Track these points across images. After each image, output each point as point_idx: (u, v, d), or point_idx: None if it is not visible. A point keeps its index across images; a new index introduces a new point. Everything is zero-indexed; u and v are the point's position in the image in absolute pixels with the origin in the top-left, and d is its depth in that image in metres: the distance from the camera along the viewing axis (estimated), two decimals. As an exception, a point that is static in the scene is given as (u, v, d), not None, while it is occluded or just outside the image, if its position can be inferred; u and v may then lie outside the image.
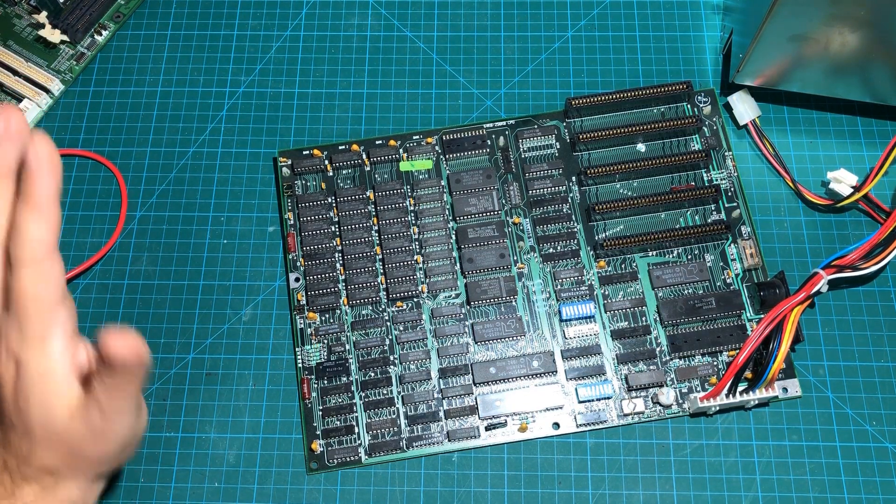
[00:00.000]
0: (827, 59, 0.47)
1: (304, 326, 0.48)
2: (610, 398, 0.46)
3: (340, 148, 0.51)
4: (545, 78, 0.54)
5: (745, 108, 0.51)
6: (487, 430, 0.46)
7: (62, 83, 0.54)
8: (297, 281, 0.48)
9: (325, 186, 0.50)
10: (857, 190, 0.48)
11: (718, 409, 0.45)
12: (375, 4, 0.57)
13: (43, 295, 0.34)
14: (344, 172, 0.51)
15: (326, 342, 0.47)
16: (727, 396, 0.44)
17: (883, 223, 0.46)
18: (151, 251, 0.50)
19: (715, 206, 0.49)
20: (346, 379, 0.46)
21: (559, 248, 0.49)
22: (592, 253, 0.49)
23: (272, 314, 0.49)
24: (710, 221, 0.49)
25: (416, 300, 0.48)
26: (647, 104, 0.51)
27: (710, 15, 0.56)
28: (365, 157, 0.51)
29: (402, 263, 0.48)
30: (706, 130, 0.51)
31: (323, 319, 0.48)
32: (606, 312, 0.47)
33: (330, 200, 0.50)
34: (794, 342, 0.44)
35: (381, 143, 0.51)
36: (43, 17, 0.54)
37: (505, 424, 0.46)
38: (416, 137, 0.51)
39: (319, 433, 0.45)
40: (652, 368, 0.46)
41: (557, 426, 0.46)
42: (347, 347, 0.47)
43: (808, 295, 0.44)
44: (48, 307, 0.34)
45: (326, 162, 0.51)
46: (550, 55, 0.55)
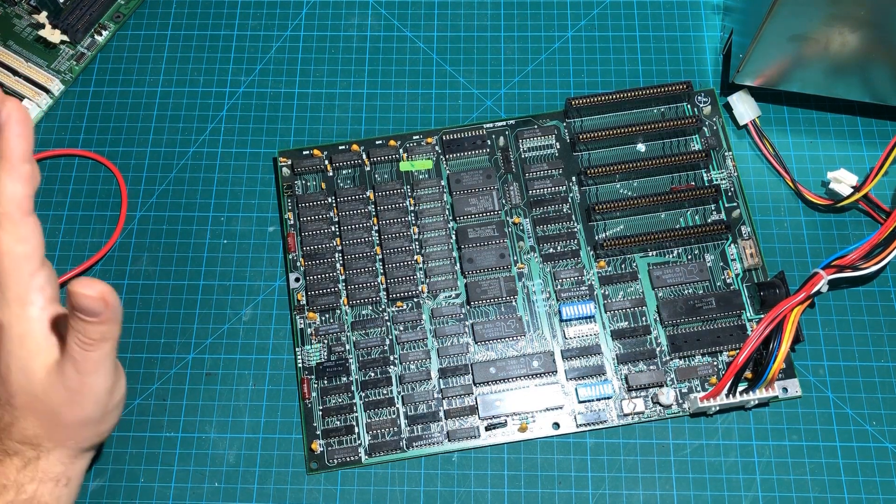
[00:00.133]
0: (827, 59, 0.47)
1: (304, 326, 0.48)
2: (610, 398, 0.46)
3: (340, 148, 0.51)
4: (545, 78, 0.54)
5: (745, 108, 0.51)
6: (487, 430, 0.46)
7: (62, 83, 0.54)
8: (297, 281, 0.48)
9: (325, 186, 0.50)
10: (857, 190, 0.48)
11: (718, 409, 0.45)
12: (375, 4, 0.57)
13: (21, 255, 0.35)
14: (344, 172, 0.51)
15: (326, 342, 0.47)
16: (727, 396, 0.44)
17: (883, 223, 0.46)
18: (151, 251, 0.50)
19: (715, 206, 0.49)
20: (346, 379, 0.46)
21: (559, 248, 0.49)
22: (592, 253, 0.49)
23: (272, 314, 0.49)
24: (710, 221, 0.49)
25: (416, 300, 0.48)
26: (647, 104, 0.51)
27: (710, 15, 0.56)
28: (365, 157, 0.51)
29: (402, 263, 0.48)
30: (706, 130, 0.51)
31: (323, 319, 0.48)
32: (606, 312, 0.47)
33: (330, 200, 0.50)
34: (794, 342, 0.44)
35: (381, 143, 0.51)
36: (43, 17, 0.54)
37: (505, 424, 0.46)
38: (416, 137, 0.51)
39: (319, 433, 0.45)
40: (652, 368, 0.46)
41: (557, 426, 0.46)
42: (347, 347, 0.47)
43: (808, 295, 0.44)
44: (28, 269, 0.35)
45: (326, 162, 0.51)
46: (550, 55, 0.55)
